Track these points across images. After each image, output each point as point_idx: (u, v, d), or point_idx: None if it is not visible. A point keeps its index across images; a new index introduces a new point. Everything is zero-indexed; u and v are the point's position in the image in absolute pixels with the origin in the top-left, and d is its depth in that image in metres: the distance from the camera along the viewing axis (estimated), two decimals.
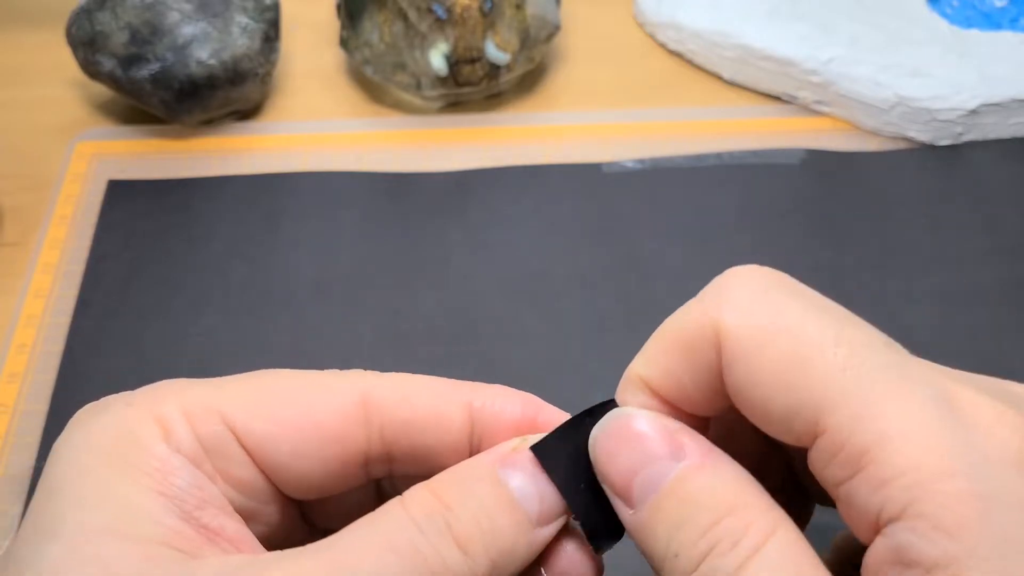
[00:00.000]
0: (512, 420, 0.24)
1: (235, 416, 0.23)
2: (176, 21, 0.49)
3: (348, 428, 0.23)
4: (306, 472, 0.23)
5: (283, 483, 0.24)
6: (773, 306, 0.22)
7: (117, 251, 0.48)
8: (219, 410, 0.23)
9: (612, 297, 0.46)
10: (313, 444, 0.23)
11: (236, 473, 0.23)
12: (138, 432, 0.22)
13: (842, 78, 0.52)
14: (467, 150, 0.52)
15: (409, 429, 0.24)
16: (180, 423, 0.22)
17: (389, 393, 0.24)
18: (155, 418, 0.22)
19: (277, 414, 0.23)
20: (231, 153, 0.52)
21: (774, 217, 0.49)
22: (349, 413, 0.23)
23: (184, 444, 0.22)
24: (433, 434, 0.24)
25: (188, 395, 0.23)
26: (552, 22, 0.54)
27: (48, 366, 0.43)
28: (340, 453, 0.23)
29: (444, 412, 0.24)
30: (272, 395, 0.23)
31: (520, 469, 0.23)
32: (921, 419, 0.19)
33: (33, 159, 0.52)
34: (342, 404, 0.23)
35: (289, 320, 0.45)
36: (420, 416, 0.24)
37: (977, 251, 0.48)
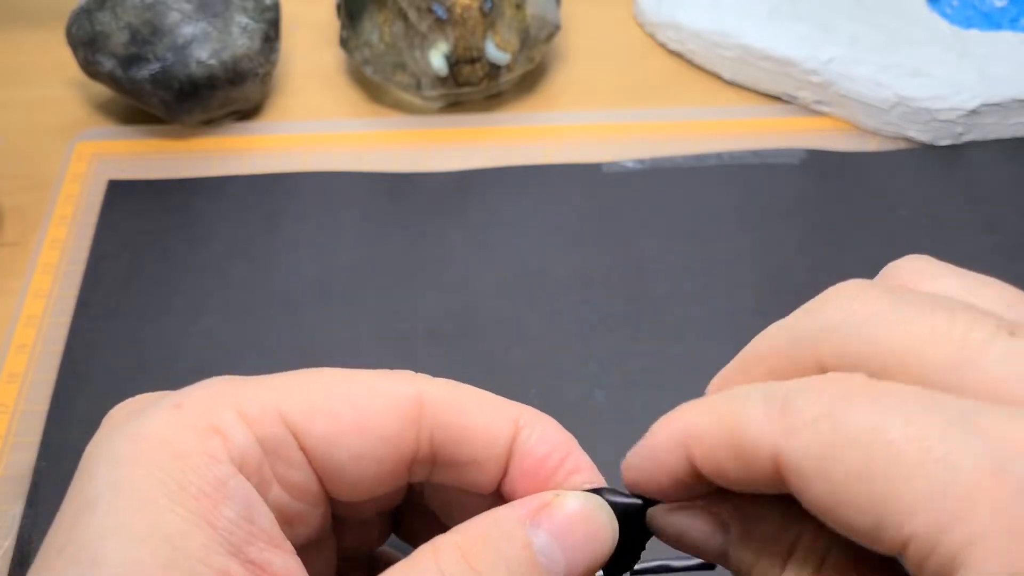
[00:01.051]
0: (543, 456, 0.24)
1: (295, 416, 0.22)
2: (176, 21, 0.49)
3: (404, 429, 0.23)
4: (361, 474, 0.23)
5: (336, 485, 0.23)
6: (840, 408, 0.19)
7: (117, 251, 0.48)
8: (278, 410, 0.22)
9: (612, 297, 0.46)
10: (371, 444, 0.22)
11: (293, 477, 0.22)
12: (192, 445, 0.21)
13: (842, 78, 0.52)
14: (467, 150, 0.52)
15: (459, 436, 0.23)
16: (238, 427, 0.21)
17: (444, 397, 0.23)
18: (210, 426, 0.21)
19: (338, 414, 0.22)
20: (231, 153, 0.52)
21: (774, 217, 0.49)
22: (405, 413, 0.23)
23: (245, 451, 0.21)
24: (480, 445, 0.23)
25: (244, 395, 0.22)
26: (552, 22, 0.54)
27: (48, 366, 0.43)
28: (394, 455, 0.23)
29: (495, 425, 0.24)
30: (331, 394, 0.23)
31: (550, 530, 0.22)
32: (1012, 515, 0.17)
33: (33, 159, 0.52)
34: (399, 405, 0.23)
35: (289, 320, 0.45)
36: (472, 425, 0.23)
37: (977, 251, 0.48)
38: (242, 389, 0.22)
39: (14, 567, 0.37)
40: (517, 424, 0.24)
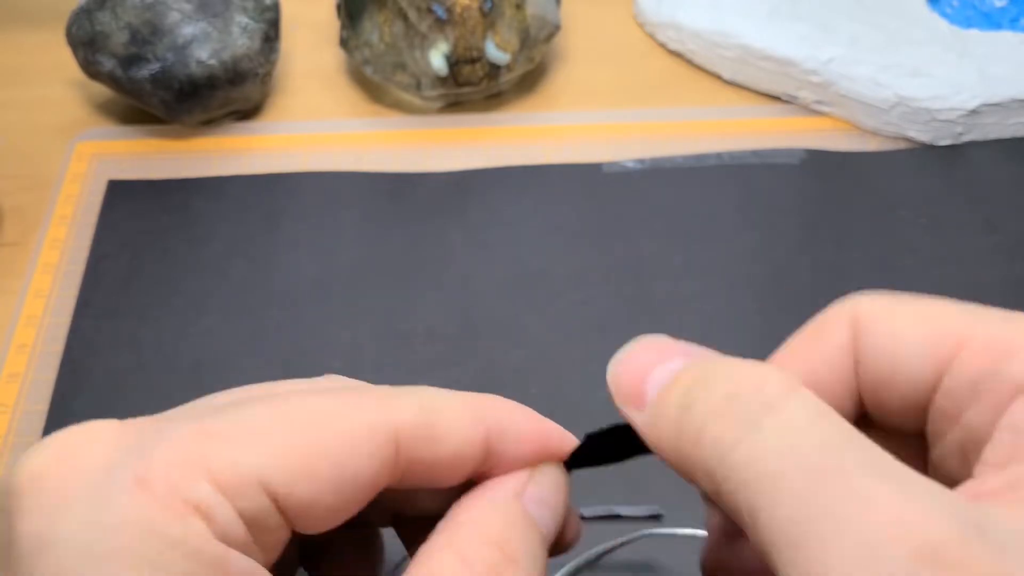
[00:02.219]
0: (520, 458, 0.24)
1: (275, 481, 0.20)
2: (176, 21, 0.49)
3: (379, 476, 0.22)
4: (335, 519, 0.22)
5: (307, 527, 0.22)
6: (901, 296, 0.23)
7: (117, 251, 0.48)
8: (258, 476, 0.20)
9: (612, 297, 0.46)
10: (348, 497, 0.21)
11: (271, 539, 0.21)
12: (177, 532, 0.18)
13: (842, 78, 0.52)
14: (467, 150, 0.52)
15: (431, 465, 0.23)
16: (218, 504, 0.19)
17: (416, 430, 0.22)
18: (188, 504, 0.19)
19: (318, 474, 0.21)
20: (231, 153, 0.52)
21: (774, 217, 0.49)
22: (382, 459, 0.22)
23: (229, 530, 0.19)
24: (451, 469, 0.23)
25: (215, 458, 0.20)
26: (552, 22, 0.54)
27: (48, 366, 0.43)
28: (368, 495, 0.22)
29: (466, 449, 0.23)
30: (309, 450, 0.21)
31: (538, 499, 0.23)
32: None
33: (33, 159, 0.52)
34: (375, 450, 0.21)
35: (289, 320, 0.45)
36: (443, 455, 0.23)
37: (977, 251, 0.48)
38: (211, 449, 0.20)
39: None
40: (489, 440, 0.23)
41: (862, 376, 0.23)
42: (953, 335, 0.21)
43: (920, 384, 0.22)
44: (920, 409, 0.22)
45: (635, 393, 0.22)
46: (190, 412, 0.22)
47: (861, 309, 0.23)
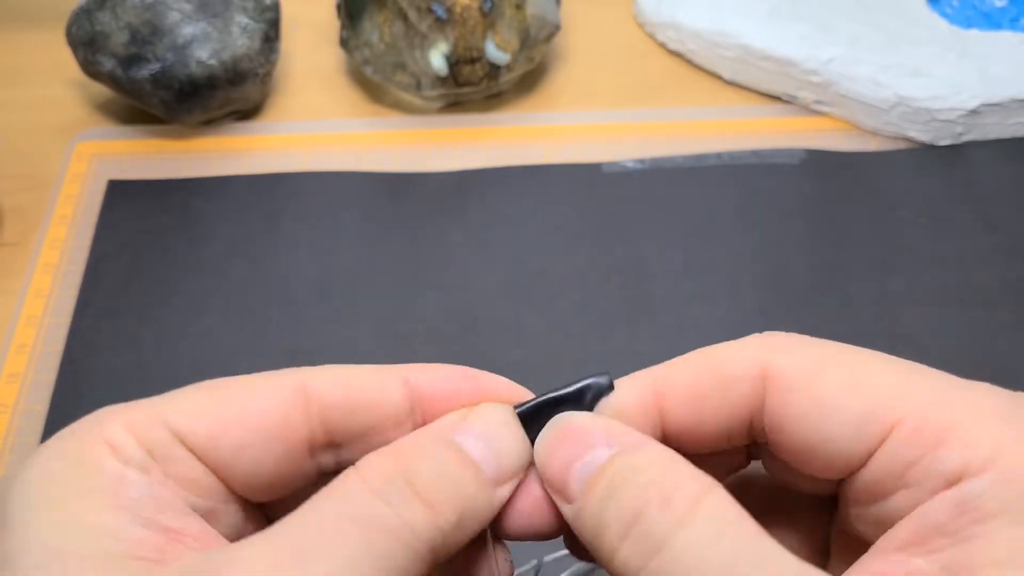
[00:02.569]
0: (450, 395, 0.25)
1: (177, 421, 0.23)
2: (176, 21, 0.49)
3: (287, 417, 0.23)
4: (253, 466, 0.23)
5: (233, 480, 0.24)
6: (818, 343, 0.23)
7: (117, 251, 0.48)
8: (162, 418, 0.23)
9: (612, 297, 0.46)
10: (254, 435, 0.23)
11: (185, 474, 0.23)
12: (85, 454, 0.22)
13: (842, 78, 0.52)
14: (467, 150, 0.52)
15: (347, 409, 0.24)
16: (124, 436, 0.22)
17: (325, 379, 0.24)
18: (100, 439, 0.22)
19: (217, 412, 0.23)
20: (231, 153, 0.52)
21: (774, 217, 0.49)
22: (287, 402, 0.24)
23: (132, 455, 0.22)
24: (372, 412, 0.24)
25: (131, 412, 0.23)
26: (552, 22, 0.54)
27: (48, 366, 0.43)
28: (283, 443, 0.23)
29: (380, 389, 0.25)
30: (212, 397, 0.24)
31: (472, 434, 0.23)
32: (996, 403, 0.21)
33: (33, 159, 0.52)
34: (279, 395, 0.24)
35: (289, 320, 0.45)
36: (356, 395, 0.24)
37: (977, 251, 0.48)
38: (131, 408, 0.23)
39: None
40: (408, 380, 0.25)
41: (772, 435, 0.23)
42: (886, 413, 0.21)
43: (845, 461, 0.22)
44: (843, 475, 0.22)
45: (560, 487, 0.23)
46: None
47: (777, 365, 0.22)
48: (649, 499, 0.20)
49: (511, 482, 0.23)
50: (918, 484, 0.21)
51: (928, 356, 0.45)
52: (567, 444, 0.23)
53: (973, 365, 0.44)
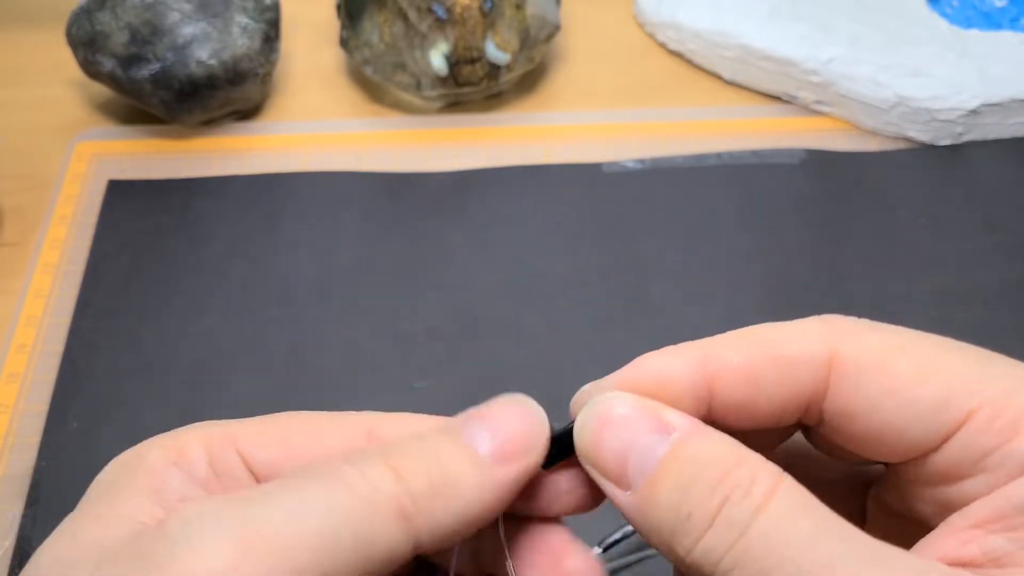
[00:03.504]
0: None
1: (247, 444, 0.24)
2: (176, 21, 0.49)
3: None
4: None
5: None
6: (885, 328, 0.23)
7: (117, 251, 0.48)
8: (234, 439, 0.24)
9: (612, 297, 0.46)
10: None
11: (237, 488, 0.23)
12: (146, 454, 0.23)
13: (842, 78, 0.52)
14: (467, 150, 0.52)
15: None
16: (196, 449, 0.23)
17: (394, 428, 0.24)
18: (171, 446, 0.23)
19: (285, 443, 0.24)
20: (231, 153, 0.52)
21: (774, 217, 0.49)
22: (355, 442, 0.24)
23: (197, 467, 0.23)
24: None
25: (210, 429, 0.24)
26: (552, 22, 0.54)
27: (48, 366, 0.43)
28: None
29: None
30: (283, 428, 0.24)
31: (471, 417, 0.23)
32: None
33: (33, 159, 0.52)
34: (349, 435, 0.24)
35: (289, 320, 0.45)
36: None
37: (977, 251, 0.48)
38: (213, 426, 0.24)
39: (14, 567, 0.37)
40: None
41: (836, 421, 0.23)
42: (961, 401, 0.21)
43: (914, 448, 0.22)
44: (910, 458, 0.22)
45: (618, 473, 0.22)
46: None
47: (846, 351, 0.22)
48: (729, 491, 0.20)
49: (519, 461, 0.22)
50: (995, 469, 0.21)
51: None
52: (617, 431, 0.22)
53: None
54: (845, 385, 0.22)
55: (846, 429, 0.23)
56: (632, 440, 0.22)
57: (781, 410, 0.23)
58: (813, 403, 0.23)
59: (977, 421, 0.21)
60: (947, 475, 0.22)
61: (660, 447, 0.21)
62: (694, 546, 0.20)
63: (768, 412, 0.23)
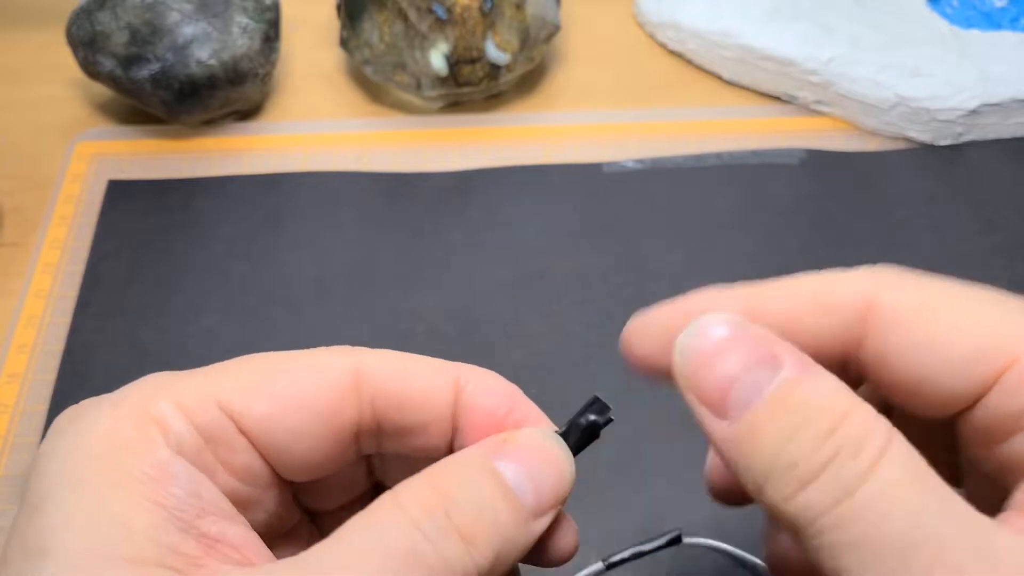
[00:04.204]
0: (490, 408, 0.24)
1: (232, 401, 0.22)
2: (176, 21, 0.49)
3: (342, 401, 0.23)
4: (306, 449, 0.23)
5: (282, 464, 0.23)
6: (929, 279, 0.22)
7: (117, 251, 0.48)
8: (215, 397, 0.22)
9: (612, 297, 0.46)
10: (310, 419, 0.23)
11: (237, 460, 0.22)
12: (131, 435, 0.21)
13: (842, 78, 0.52)
14: (467, 150, 0.52)
15: (400, 401, 0.24)
16: (176, 417, 0.22)
17: (381, 366, 0.24)
18: (149, 417, 0.21)
19: (274, 393, 0.23)
20: (231, 153, 0.52)
21: (774, 217, 0.49)
22: (343, 385, 0.23)
23: (183, 439, 0.21)
24: (422, 408, 0.24)
25: (180, 387, 0.22)
26: (552, 22, 0.54)
27: (48, 366, 0.43)
28: (334, 427, 0.23)
29: (434, 387, 0.24)
30: (266, 375, 0.23)
31: (514, 460, 0.22)
32: None
33: (33, 159, 0.52)
34: (336, 377, 0.23)
35: (289, 320, 0.45)
36: (411, 389, 0.24)
37: (977, 251, 0.48)
38: (178, 382, 0.22)
39: None
40: (457, 382, 0.24)
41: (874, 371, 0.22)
42: (998, 353, 0.20)
43: (951, 400, 0.21)
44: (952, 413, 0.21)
45: (717, 400, 0.21)
46: None
47: (884, 298, 0.22)
48: (839, 447, 0.19)
49: (549, 514, 0.22)
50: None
51: None
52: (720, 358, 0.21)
53: None
54: (881, 333, 0.21)
55: (883, 380, 0.22)
56: (739, 369, 0.21)
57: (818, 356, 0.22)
58: (850, 352, 0.22)
59: (1016, 373, 0.20)
60: (994, 431, 0.21)
61: (768, 382, 0.20)
62: (793, 496, 0.19)
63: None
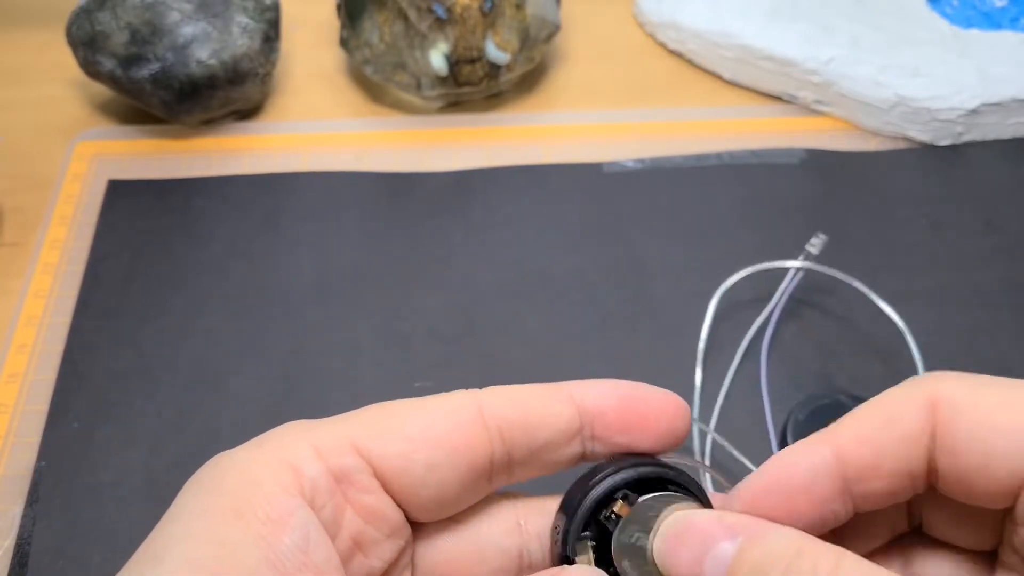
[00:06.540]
0: (613, 409, 0.26)
1: (366, 443, 0.24)
2: (176, 21, 0.49)
3: (472, 435, 0.24)
4: (439, 485, 0.24)
5: (416, 503, 0.24)
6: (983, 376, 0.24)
7: (117, 251, 0.48)
8: (350, 440, 0.24)
9: (612, 297, 0.46)
10: (443, 453, 0.24)
11: (366, 501, 0.24)
12: (265, 476, 0.22)
13: (842, 78, 0.52)
14: (467, 150, 0.52)
15: (524, 426, 0.25)
16: (311, 461, 0.23)
17: (500, 399, 0.25)
18: (286, 461, 0.23)
19: (405, 432, 0.24)
20: (231, 153, 0.52)
21: (774, 217, 0.49)
22: (469, 420, 0.24)
23: (317, 482, 0.23)
24: (547, 428, 0.25)
25: (317, 432, 0.24)
26: (552, 22, 0.54)
27: (48, 366, 0.43)
28: (468, 461, 0.24)
29: (552, 406, 0.25)
30: (397, 418, 0.24)
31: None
32: None
33: (33, 159, 0.52)
34: (462, 415, 0.25)
35: (289, 320, 0.45)
36: (532, 413, 0.25)
37: (977, 251, 0.48)
38: (316, 427, 0.24)
39: (14, 567, 0.37)
40: (572, 397, 0.26)
41: (945, 462, 0.23)
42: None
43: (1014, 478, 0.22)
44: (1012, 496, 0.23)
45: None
46: None
47: (942, 392, 0.23)
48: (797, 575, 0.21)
49: None
50: None
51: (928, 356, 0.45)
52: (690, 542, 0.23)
53: (973, 365, 0.44)
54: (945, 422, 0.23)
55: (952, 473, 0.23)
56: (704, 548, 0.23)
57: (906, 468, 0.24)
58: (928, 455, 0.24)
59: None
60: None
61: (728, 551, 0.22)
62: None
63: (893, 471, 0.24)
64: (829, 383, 0.43)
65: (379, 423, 0.24)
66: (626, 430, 0.25)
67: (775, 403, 0.42)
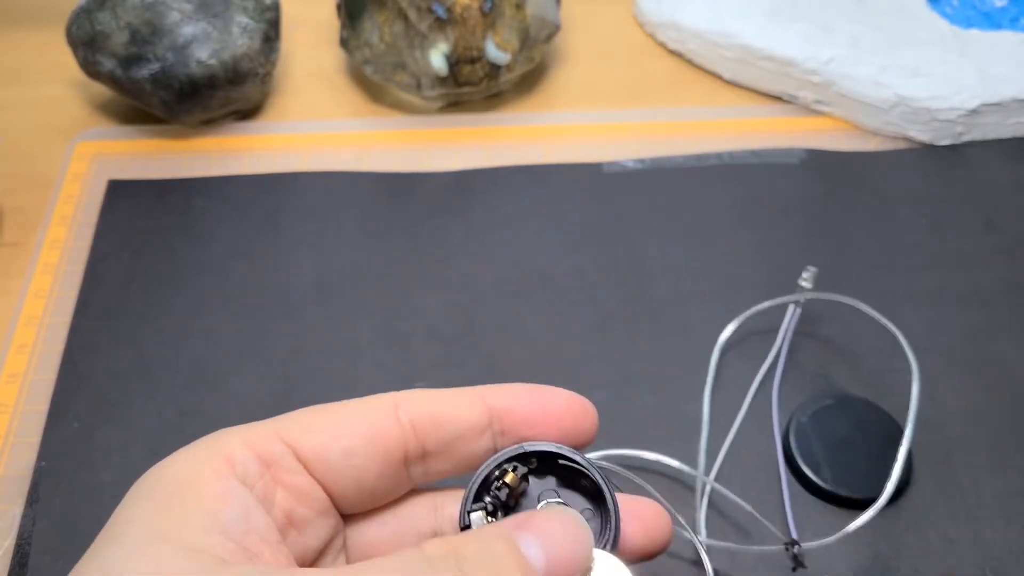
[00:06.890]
0: (521, 405, 0.28)
1: (291, 435, 0.26)
2: (176, 21, 0.49)
3: (385, 428, 0.27)
4: (357, 473, 0.27)
5: (337, 488, 0.27)
6: None
7: (117, 251, 0.48)
8: (278, 433, 0.26)
9: (612, 297, 0.46)
10: (359, 443, 0.27)
11: (293, 482, 0.26)
12: (201, 467, 0.25)
13: (842, 78, 0.52)
14: (467, 150, 0.52)
15: (436, 420, 0.27)
16: (240, 448, 0.26)
17: (415, 398, 0.28)
18: (220, 453, 0.25)
19: (325, 425, 0.27)
20: (231, 153, 0.52)
21: (774, 217, 0.49)
22: (384, 414, 0.27)
23: (248, 467, 0.25)
24: (457, 422, 0.28)
25: (247, 430, 0.26)
26: (552, 22, 0.54)
27: (48, 366, 0.43)
28: (383, 450, 0.27)
29: (462, 403, 0.28)
30: (318, 414, 0.27)
31: (531, 531, 0.25)
32: None
33: (33, 159, 0.52)
34: (378, 411, 0.27)
35: (289, 320, 0.45)
36: (444, 408, 0.28)
37: (977, 251, 0.48)
38: (248, 427, 0.27)
39: (14, 567, 0.37)
40: (483, 397, 0.28)
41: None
42: None
43: None
44: None
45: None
46: None
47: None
48: None
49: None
50: None
51: (928, 356, 0.45)
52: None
53: (973, 365, 0.44)
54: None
55: None
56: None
57: None
58: None
59: None
60: None
61: None
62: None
63: None
64: (830, 384, 0.43)
65: (303, 419, 0.27)
66: (532, 424, 0.28)
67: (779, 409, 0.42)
